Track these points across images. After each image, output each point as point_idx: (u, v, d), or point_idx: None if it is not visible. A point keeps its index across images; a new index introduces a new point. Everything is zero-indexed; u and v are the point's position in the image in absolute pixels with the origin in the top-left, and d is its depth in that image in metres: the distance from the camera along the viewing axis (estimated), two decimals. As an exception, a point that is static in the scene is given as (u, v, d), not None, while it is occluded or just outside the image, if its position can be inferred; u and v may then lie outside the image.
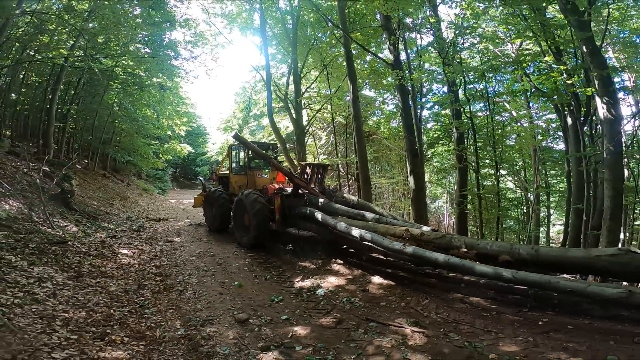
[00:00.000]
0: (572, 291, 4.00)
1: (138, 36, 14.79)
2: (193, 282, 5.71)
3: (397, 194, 21.59)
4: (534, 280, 4.11)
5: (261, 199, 7.55)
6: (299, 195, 7.50)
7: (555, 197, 15.60)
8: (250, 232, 7.55)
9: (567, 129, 10.03)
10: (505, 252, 4.59)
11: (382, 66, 15.13)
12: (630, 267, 3.88)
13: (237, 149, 9.50)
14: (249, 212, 7.45)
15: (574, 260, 4.29)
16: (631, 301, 3.66)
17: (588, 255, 4.24)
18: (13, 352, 2.82)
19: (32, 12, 11.02)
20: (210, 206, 9.43)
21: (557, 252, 4.71)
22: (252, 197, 7.50)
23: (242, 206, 7.69)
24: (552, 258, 4.41)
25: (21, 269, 4.68)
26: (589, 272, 4.11)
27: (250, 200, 7.45)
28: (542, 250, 4.57)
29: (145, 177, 25.88)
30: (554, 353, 3.31)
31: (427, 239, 5.22)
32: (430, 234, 5.34)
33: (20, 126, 15.26)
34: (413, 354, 3.49)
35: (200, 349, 3.64)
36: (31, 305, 3.77)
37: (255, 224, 7.36)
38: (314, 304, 4.93)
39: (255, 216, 7.32)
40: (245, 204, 7.53)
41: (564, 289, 4.02)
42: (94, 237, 7.55)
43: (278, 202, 7.40)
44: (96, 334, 3.59)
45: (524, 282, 4.19)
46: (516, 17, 9.66)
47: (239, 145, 9.23)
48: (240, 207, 7.78)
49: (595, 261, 4.08)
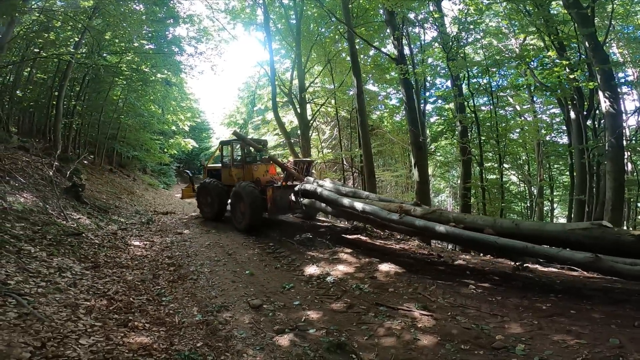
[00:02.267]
0: (546, 255, 4.51)
1: (142, 32, 14.86)
2: (206, 272, 5.88)
3: (401, 187, 21.72)
4: (514, 245, 4.58)
5: (255, 190, 8.48)
6: (288, 186, 8.66)
7: (558, 191, 15.70)
8: (245, 219, 8.54)
9: (570, 123, 10.13)
10: (489, 225, 5.03)
11: (385, 61, 15.19)
12: (601, 240, 4.21)
13: (227, 144, 10.28)
14: (245, 201, 8.42)
15: (551, 233, 4.64)
16: (598, 266, 4.12)
17: (563, 229, 4.60)
18: (42, 339, 2.93)
19: (39, 10, 11.13)
20: (207, 196, 10.08)
21: (536, 226, 5.21)
22: (248, 188, 8.47)
23: (239, 196, 8.62)
24: (531, 231, 4.79)
25: (41, 259, 4.84)
26: (565, 246, 4.45)
27: (247, 192, 8.41)
28: (523, 224, 4.99)
29: (150, 172, 26.12)
30: (558, 335, 3.46)
31: (418, 214, 5.71)
32: (421, 209, 5.85)
33: (26, 123, 15.43)
34: (422, 335, 3.66)
35: (219, 333, 3.81)
36: (54, 294, 3.92)
37: (250, 211, 8.36)
38: (324, 290, 5.09)
39: (251, 205, 8.33)
40: (242, 194, 8.48)
41: (539, 253, 4.54)
42: (106, 230, 7.75)
43: (270, 193, 8.43)
44: (119, 320, 3.74)
45: (506, 246, 4.67)
46: (519, 13, 9.72)
47: (229, 141, 10.27)
48: (238, 197, 8.69)
49: (570, 234, 4.41)
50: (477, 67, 11.50)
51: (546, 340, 3.40)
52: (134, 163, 23.33)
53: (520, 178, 17.63)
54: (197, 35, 17.06)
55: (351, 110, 16.47)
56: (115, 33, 14.12)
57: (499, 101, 12.83)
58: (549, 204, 15.74)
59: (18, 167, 8.70)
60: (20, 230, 5.61)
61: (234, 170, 9.71)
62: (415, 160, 10.67)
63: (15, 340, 2.78)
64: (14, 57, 12.69)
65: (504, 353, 3.25)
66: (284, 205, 8.63)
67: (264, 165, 9.80)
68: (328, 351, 3.43)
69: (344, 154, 17.53)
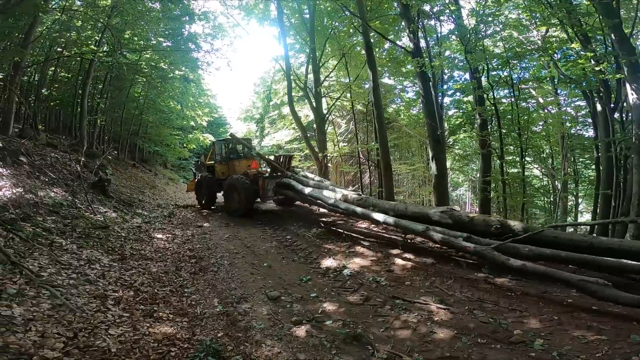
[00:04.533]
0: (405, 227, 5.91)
1: (159, 30, 15.19)
2: (225, 264, 6.06)
3: (417, 180, 21.52)
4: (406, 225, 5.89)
5: (248, 181, 9.93)
6: (273, 176, 10.14)
7: (583, 185, 15.19)
8: (241, 206, 9.93)
9: (596, 115, 9.78)
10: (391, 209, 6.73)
11: (401, 54, 14.97)
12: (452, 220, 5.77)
13: (219, 144, 12.14)
14: (240, 191, 9.88)
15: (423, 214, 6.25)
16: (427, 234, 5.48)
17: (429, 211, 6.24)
18: (74, 330, 3.07)
19: (61, 9, 11.51)
20: (201, 188, 11.69)
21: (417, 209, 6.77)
22: (242, 180, 9.91)
23: (233, 187, 10.04)
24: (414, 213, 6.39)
25: (71, 251, 5.09)
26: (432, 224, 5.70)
27: (241, 183, 9.85)
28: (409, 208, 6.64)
29: (170, 166, 26.77)
30: (579, 331, 3.41)
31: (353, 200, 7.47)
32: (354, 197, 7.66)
33: (53, 120, 16.06)
34: (439, 328, 3.68)
35: (238, 323, 3.93)
36: (85, 285, 4.12)
37: (245, 199, 9.83)
38: (340, 283, 5.16)
39: (245, 194, 9.79)
40: (237, 185, 9.92)
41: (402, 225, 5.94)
42: (131, 223, 8.04)
43: (262, 182, 9.89)
44: (145, 311, 3.90)
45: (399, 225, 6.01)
46: (541, 5, 9.39)
47: (219, 141, 12.37)
48: (232, 188, 10.11)
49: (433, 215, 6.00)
50: (497, 60, 11.18)
51: (565, 336, 3.36)
52: (155, 158, 23.98)
53: (544, 172, 17.12)
54: (213, 32, 17.35)
55: (367, 104, 16.37)
56: (134, 31, 14.48)
57: (520, 93, 12.46)
58: (574, 199, 15.25)
59: (47, 163, 9.09)
60: (51, 223, 5.91)
61: (219, 166, 11.52)
62: (433, 154, 10.54)
63: (49, 331, 2.90)
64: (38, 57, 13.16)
65: (522, 347, 3.24)
66: (269, 193, 10.19)
67: (246, 161, 11.64)
68: (344, 342, 3.51)
69: (360, 147, 17.49)
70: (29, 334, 2.79)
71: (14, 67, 10.57)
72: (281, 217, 9.69)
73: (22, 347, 2.60)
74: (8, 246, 4.42)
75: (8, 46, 10.43)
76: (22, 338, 2.71)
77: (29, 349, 2.60)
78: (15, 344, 2.60)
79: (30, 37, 10.65)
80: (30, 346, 2.64)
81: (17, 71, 10.66)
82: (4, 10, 8.33)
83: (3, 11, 8.34)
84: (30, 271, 3.91)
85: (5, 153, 7.41)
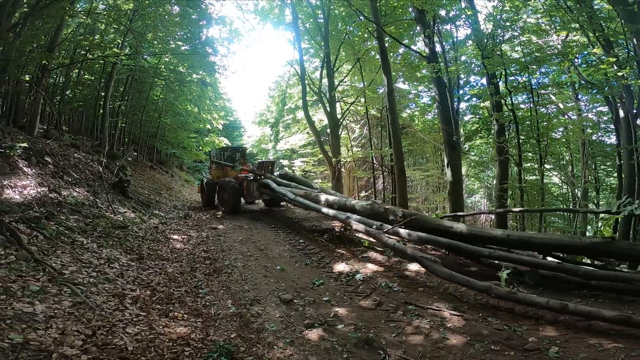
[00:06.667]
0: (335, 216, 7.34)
1: (177, 34, 15.58)
2: (239, 266, 6.13)
3: (432, 186, 21.27)
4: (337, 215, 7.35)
5: (235, 183, 11.44)
6: (256, 180, 11.29)
7: (604, 193, 14.74)
8: (229, 204, 11.38)
9: (619, 122, 9.50)
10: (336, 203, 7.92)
11: (415, 59, 14.92)
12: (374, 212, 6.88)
13: (215, 154, 14.38)
14: (228, 192, 11.37)
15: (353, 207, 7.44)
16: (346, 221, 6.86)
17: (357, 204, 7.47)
18: (93, 327, 3.16)
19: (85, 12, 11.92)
20: (204, 190, 13.41)
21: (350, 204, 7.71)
22: (230, 183, 11.44)
23: (223, 188, 11.61)
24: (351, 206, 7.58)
25: (92, 250, 5.26)
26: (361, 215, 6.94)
27: (229, 185, 11.39)
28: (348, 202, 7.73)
29: (186, 169, 27.27)
30: (596, 338, 3.34)
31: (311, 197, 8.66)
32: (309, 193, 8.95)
33: (76, 122, 16.60)
34: (452, 334, 3.65)
35: (251, 325, 3.99)
36: (104, 284, 4.24)
37: (231, 199, 11.30)
38: (353, 287, 5.17)
39: (231, 194, 11.27)
40: (225, 187, 11.47)
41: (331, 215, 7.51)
42: (148, 223, 8.25)
43: (245, 184, 11.43)
44: (161, 311, 4.00)
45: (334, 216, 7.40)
46: (560, 9, 9.21)
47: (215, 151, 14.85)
48: (222, 189, 11.66)
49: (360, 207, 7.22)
50: (515, 65, 11.00)
51: (581, 344, 3.30)
52: (172, 160, 24.46)
53: (563, 179, 16.69)
54: (229, 36, 17.68)
55: (381, 109, 16.35)
56: (155, 34, 14.88)
57: (539, 99, 12.21)
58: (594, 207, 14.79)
59: (70, 163, 9.43)
60: (74, 222, 6.12)
61: (215, 171, 13.31)
62: (449, 160, 10.44)
63: (69, 329, 2.98)
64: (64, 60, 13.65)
65: (537, 355, 3.19)
66: (255, 194, 11.53)
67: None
68: (356, 346, 3.51)
69: (374, 152, 17.44)
70: (49, 331, 2.86)
71: (41, 70, 11.00)
72: (294, 221, 9.73)
73: (43, 343, 2.66)
74: (32, 243, 4.58)
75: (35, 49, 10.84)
76: (43, 335, 2.78)
77: (49, 346, 2.66)
78: (36, 341, 2.67)
79: (57, 40, 11.08)
80: (50, 343, 2.71)
81: (44, 73, 11.10)
82: (33, 13, 8.68)
83: (32, 13, 8.68)
84: (53, 269, 4.05)
85: (30, 153, 7.70)
